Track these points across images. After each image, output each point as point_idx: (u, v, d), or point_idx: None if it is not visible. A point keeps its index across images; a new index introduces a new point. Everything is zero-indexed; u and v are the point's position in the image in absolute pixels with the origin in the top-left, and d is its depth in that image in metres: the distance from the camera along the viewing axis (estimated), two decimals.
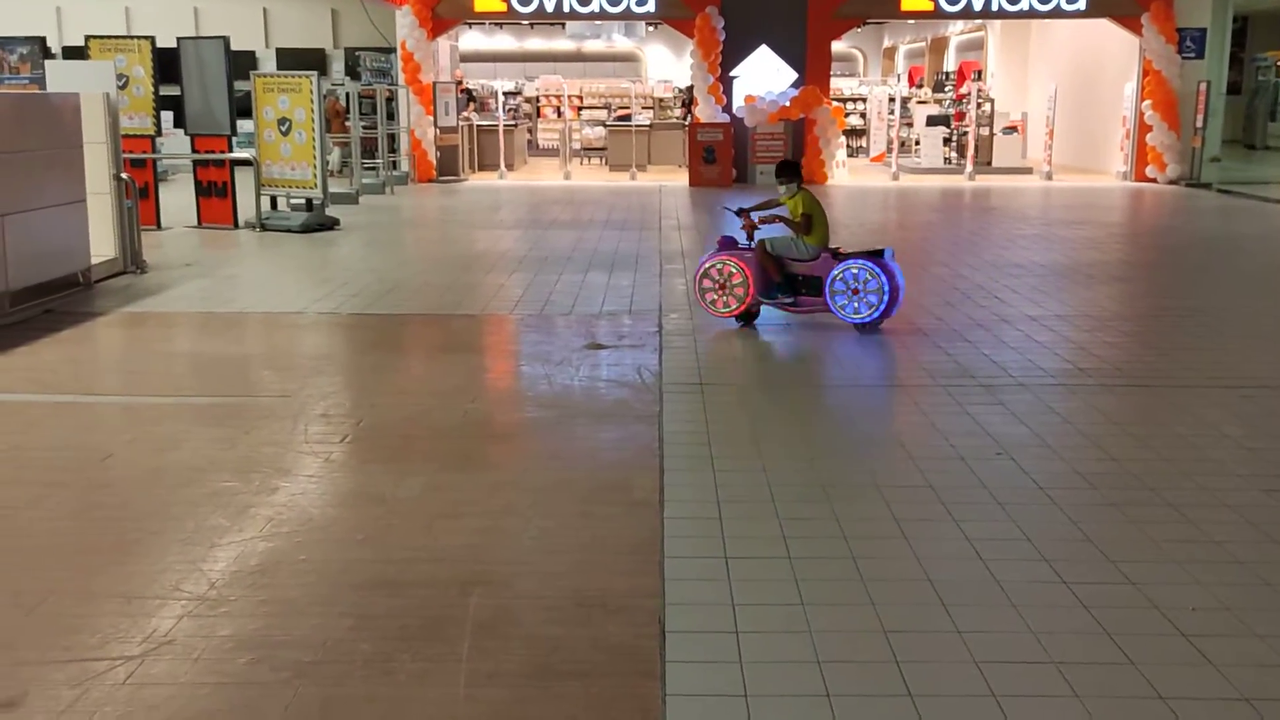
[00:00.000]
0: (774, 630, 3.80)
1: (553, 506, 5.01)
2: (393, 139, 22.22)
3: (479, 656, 3.66)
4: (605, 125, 28.36)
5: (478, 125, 25.72)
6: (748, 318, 8.62)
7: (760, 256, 8.40)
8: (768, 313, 8.88)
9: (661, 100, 32.16)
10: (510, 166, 25.02)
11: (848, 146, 25.22)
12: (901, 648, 3.68)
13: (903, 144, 26.26)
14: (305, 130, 14.93)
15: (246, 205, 15.22)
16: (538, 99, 33.73)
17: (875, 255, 8.38)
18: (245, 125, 16.21)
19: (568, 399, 6.87)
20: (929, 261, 12.33)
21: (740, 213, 8.67)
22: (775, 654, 3.64)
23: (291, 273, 11.89)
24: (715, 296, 8.46)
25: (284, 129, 15.06)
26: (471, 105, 27.07)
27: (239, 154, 15.27)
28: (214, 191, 15.16)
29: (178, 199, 16.19)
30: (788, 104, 22.07)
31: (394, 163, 22.03)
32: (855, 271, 8.26)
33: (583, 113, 32.12)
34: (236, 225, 15.07)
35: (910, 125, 27.72)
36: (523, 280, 11.09)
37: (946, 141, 25.62)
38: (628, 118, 26.82)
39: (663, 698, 3.36)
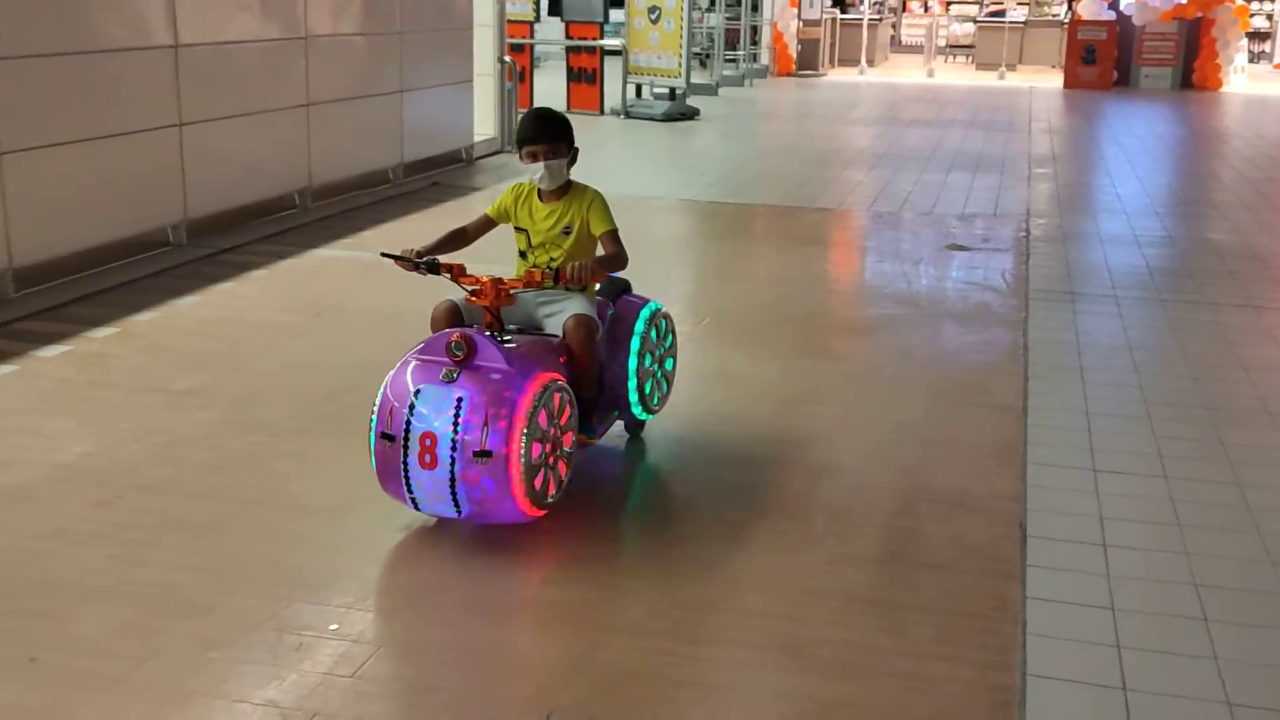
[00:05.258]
0: (1145, 548, 3.61)
1: (909, 402, 4.94)
2: (755, 31, 22.15)
3: (832, 539, 3.69)
4: (975, 21, 27.07)
5: (841, 19, 25.19)
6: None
7: (585, 342, 3.86)
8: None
9: None
10: (871, 62, 24.43)
11: (1249, 51, 22.87)
12: None
13: None
14: (674, 19, 15.14)
15: (612, 93, 15.68)
16: None
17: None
18: (616, 15, 16.62)
19: (925, 298, 6.71)
20: None
21: (433, 266, 3.78)
22: (1146, 572, 3.46)
23: (652, 159, 12.20)
24: (549, 474, 3.56)
25: (653, 17, 15.33)
26: None
27: (609, 42, 15.69)
28: (584, 78, 15.69)
29: (549, 84, 16.88)
30: (1184, 1, 20.22)
31: (754, 55, 21.98)
32: (662, 319, 4.41)
33: (951, 8, 30.78)
34: (602, 111, 15.57)
35: None
36: (880, 177, 10.86)
37: None
38: (1001, 13, 25.48)
39: (1023, 600, 3.28)
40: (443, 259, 3.77)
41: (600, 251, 4.06)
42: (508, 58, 12.01)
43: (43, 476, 3.99)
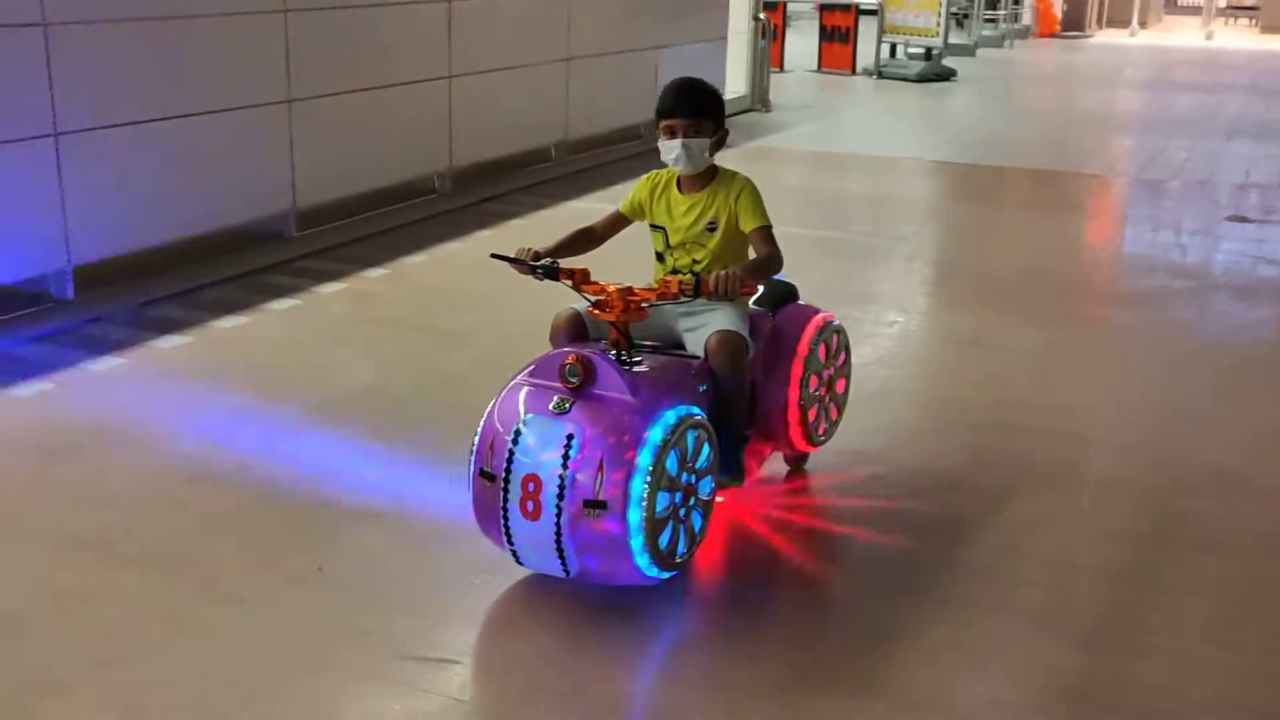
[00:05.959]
0: None
1: (1185, 376, 4.68)
2: None
3: (1100, 514, 3.54)
4: None
5: None
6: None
7: (730, 365, 3.17)
8: None
9: None
10: (1143, 23, 23.07)
11: None
12: None
13: None
14: None
15: (864, 53, 15.36)
16: None
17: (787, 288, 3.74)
18: None
19: (1203, 271, 6.32)
20: None
21: (555, 270, 3.20)
22: None
23: (905, 120, 11.90)
24: (679, 528, 2.91)
25: None
26: None
27: (865, 1, 15.36)
28: (836, 37, 15.43)
29: (800, 44, 16.68)
30: None
31: (1015, 15, 21.11)
32: (833, 333, 3.72)
33: None
34: (854, 71, 15.28)
35: None
36: (1150, 144, 10.26)
37: None
38: None
39: None
40: (564, 263, 3.19)
41: (752, 254, 3.32)
42: (762, 15, 11.93)
43: (329, 401, 4.24)
